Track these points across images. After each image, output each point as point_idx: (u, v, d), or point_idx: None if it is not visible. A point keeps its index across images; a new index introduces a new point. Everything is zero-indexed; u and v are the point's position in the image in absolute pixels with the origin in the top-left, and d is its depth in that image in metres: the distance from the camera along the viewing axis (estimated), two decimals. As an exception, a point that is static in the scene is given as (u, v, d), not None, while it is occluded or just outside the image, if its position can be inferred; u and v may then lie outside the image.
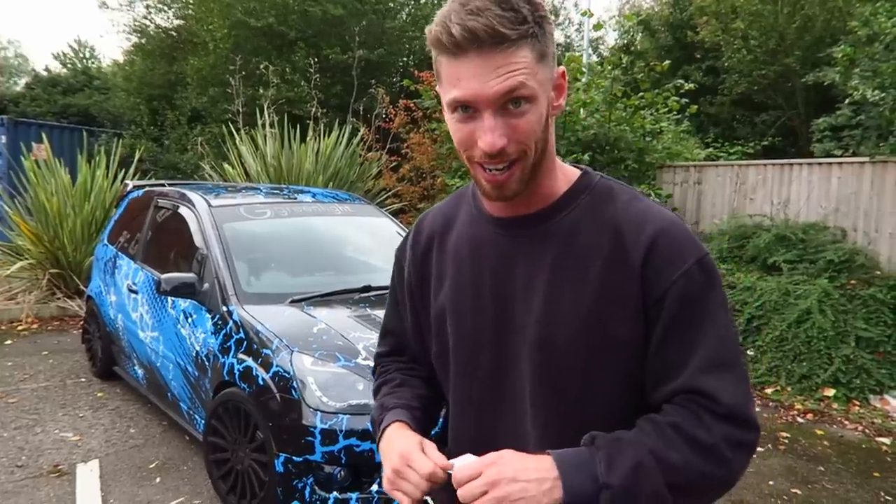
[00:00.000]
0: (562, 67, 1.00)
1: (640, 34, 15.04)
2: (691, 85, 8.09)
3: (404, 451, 1.02)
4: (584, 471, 0.89)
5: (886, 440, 4.51)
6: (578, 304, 0.99)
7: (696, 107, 8.10)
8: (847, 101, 7.68)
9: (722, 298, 1.00)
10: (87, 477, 3.60)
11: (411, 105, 9.33)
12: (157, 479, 3.59)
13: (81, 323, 6.08)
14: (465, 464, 0.92)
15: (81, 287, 7.08)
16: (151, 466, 3.74)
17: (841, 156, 7.34)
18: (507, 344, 1.05)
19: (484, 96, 0.90)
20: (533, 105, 0.93)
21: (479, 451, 0.96)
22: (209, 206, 4.16)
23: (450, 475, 0.94)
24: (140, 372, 4.48)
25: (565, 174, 1.07)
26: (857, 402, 5.05)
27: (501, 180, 0.96)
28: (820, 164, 6.55)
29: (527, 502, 0.87)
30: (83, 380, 5.26)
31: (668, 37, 13.81)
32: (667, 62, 8.16)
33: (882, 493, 3.71)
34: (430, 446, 1.04)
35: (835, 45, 7.59)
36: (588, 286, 0.99)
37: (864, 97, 6.48)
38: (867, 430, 4.67)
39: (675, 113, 8.21)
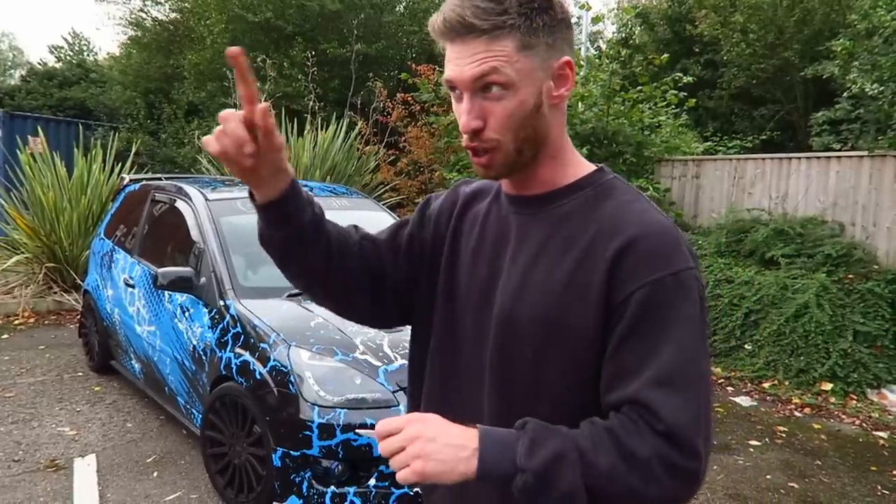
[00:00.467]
0: (567, 57, 0.99)
1: (639, 27, 14.98)
2: (690, 78, 8.05)
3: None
4: (505, 450, 0.89)
5: (883, 434, 4.52)
6: (546, 287, 1.00)
7: (694, 100, 8.07)
8: (846, 94, 7.68)
9: (694, 317, 0.94)
10: (85, 471, 3.59)
11: (409, 99, 9.30)
12: (155, 474, 3.59)
13: (78, 317, 6.06)
14: (387, 418, 0.93)
15: (78, 281, 7.06)
16: (149, 461, 3.74)
17: (839, 150, 7.35)
18: (485, 315, 1.07)
19: (460, 79, 0.97)
20: (509, 92, 0.96)
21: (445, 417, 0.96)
22: (206, 199, 4.15)
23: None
24: (137, 366, 4.47)
25: (575, 167, 1.08)
26: (855, 397, 5.06)
27: (483, 162, 1.01)
28: (818, 158, 6.55)
29: (441, 464, 0.87)
30: (80, 374, 5.25)
31: (667, 30, 13.76)
32: (665, 55, 8.13)
33: (879, 487, 3.73)
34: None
35: (834, 39, 7.55)
36: (560, 272, 0.99)
37: (862, 91, 6.48)
38: (864, 424, 4.68)
39: (673, 107, 8.18)
